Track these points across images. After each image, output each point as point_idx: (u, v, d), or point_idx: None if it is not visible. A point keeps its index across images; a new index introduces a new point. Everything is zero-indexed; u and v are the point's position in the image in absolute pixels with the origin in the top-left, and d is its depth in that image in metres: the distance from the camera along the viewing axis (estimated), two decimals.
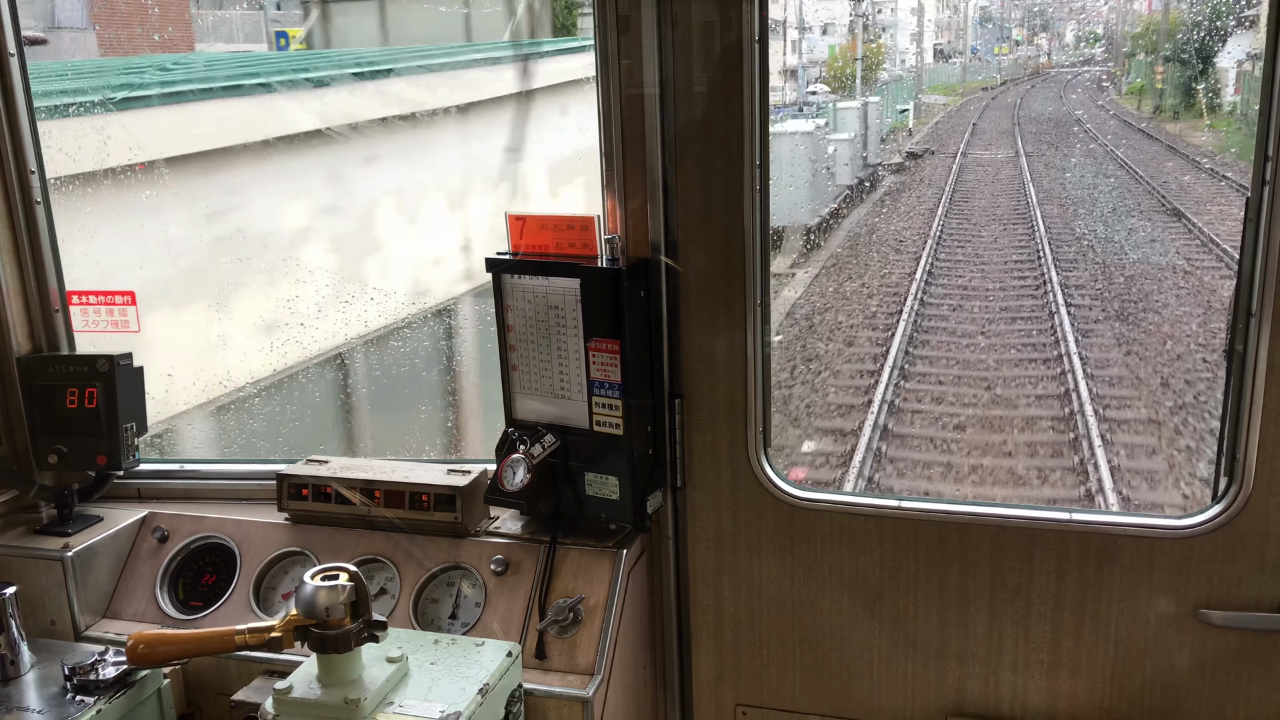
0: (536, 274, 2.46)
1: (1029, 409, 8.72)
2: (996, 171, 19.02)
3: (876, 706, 2.64)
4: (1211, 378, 8.69)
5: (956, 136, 24.20)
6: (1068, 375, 8.97)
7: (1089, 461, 7.63)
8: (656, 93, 2.39)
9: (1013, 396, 8.94)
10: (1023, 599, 2.47)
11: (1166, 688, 2.43)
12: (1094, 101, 29.08)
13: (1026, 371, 9.41)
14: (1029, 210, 15.11)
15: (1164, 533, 2.35)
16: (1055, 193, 16.42)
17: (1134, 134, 20.78)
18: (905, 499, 2.52)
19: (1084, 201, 15.82)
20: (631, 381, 2.40)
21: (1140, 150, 18.59)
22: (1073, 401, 8.48)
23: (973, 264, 12.79)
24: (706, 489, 2.61)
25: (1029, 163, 19.21)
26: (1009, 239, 13.76)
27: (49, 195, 2.80)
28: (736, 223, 2.43)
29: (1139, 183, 15.84)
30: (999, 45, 38.95)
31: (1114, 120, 24.08)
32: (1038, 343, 9.93)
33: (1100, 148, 19.89)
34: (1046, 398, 8.78)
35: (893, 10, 33.75)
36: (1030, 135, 23.17)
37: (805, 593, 2.61)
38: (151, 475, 2.94)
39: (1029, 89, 34.39)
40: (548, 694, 2.30)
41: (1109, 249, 12.81)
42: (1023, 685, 2.52)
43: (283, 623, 2.03)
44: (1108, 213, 14.62)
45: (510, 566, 2.48)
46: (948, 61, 37.68)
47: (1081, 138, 21.86)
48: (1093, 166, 18.37)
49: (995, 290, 11.65)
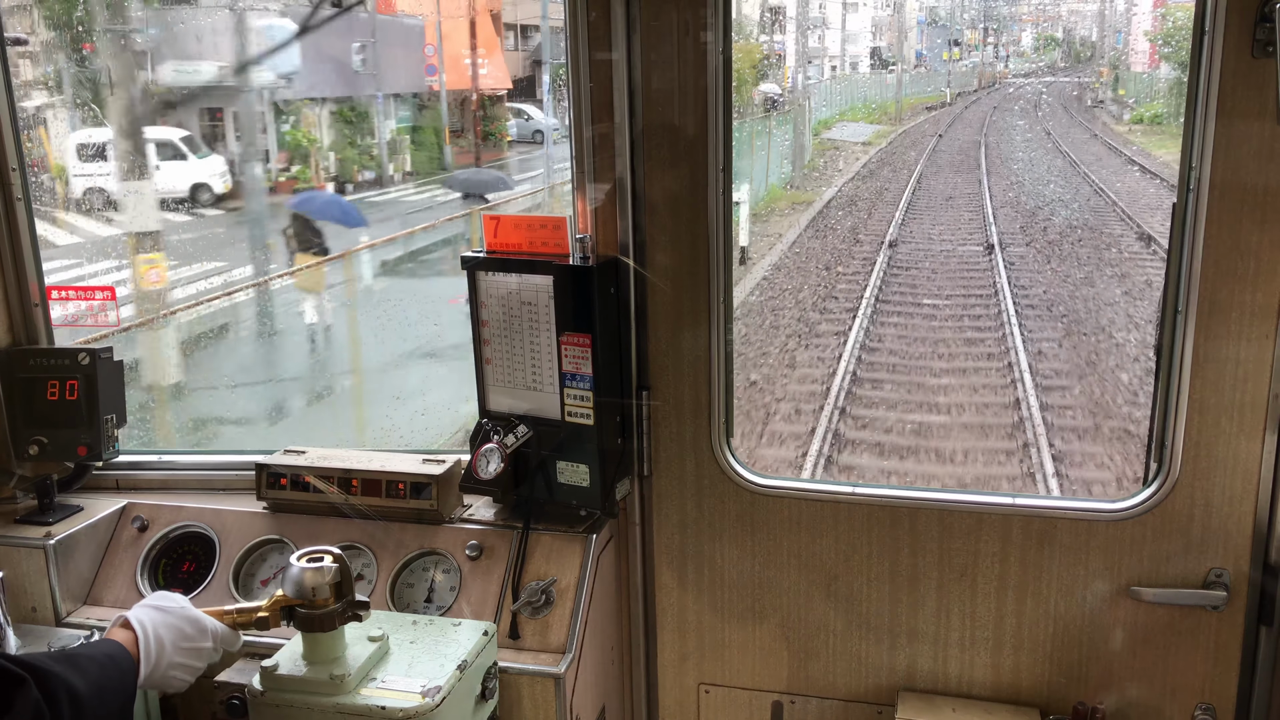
0: (510, 271, 2.56)
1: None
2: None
3: (832, 683, 2.78)
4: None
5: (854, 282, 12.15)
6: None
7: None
8: (625, 98, 2.50)
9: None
10: (969, 579, 2.62)
11: (1101, 662, 2.59)
12: (1089, 132, 21.61)
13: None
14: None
15: (1099, 515, 2.51)
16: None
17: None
18: (859, 485, 2.66)
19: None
20: (602, 374, 2.51)
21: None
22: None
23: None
24: (672, 477, 2.73)
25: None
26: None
27: (29, 192, 2.85)
28: (701, 224, 2.56)
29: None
30: (948, 50, 32.59)
31: (1152, 185, 15.66)
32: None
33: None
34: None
35: (822, 6, 26.62)
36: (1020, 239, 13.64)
37: (765, 575, 2.74)
38: (130, 466, 3.00)
39: (992, 111, 26.99)
40: (521, 671, 2.41)
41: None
42: (969, 661, 2.67)
43: (270, 603, 2.13)
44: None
45: (484, 551, 2.59)
46: (887, 70, 30.64)
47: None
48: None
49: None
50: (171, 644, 2.08)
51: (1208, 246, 2.29)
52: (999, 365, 9.54)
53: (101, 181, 12.32)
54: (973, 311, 10.96)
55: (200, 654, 2.14)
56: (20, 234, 2.85)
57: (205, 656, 2.15)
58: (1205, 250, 2.29)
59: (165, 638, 2.08)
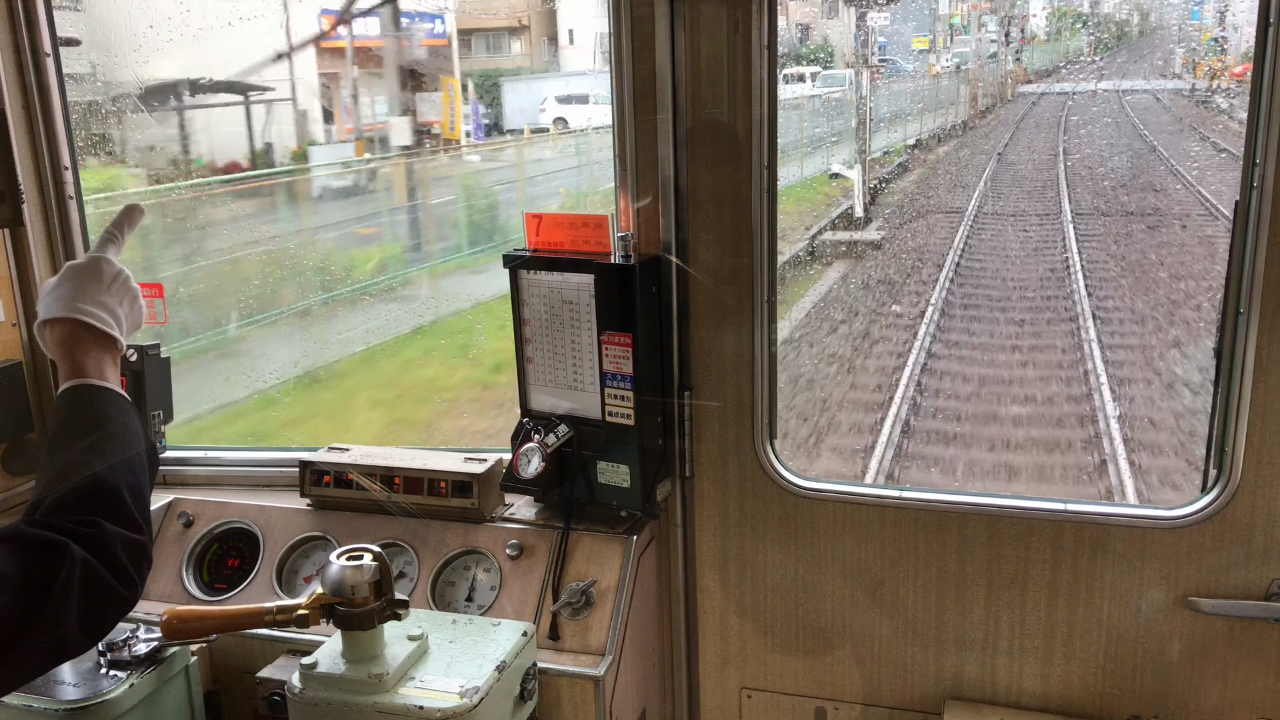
0: (552, 270, 2.55)
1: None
2: None
3: (876, 691, 2.73)
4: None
5: None
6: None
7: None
8: (669, 96, 2.48)
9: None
10: (1019, 586, 2.56)
11: (1157, 673, 2.52)
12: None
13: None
14: None
15: (1155, 523, 2.44)
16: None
17: None
18: (906, 489, 2.61)
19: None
20: (643, 374, 2.49)
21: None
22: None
23: None
24: (714, 478, 2.70)
25: None
26: None
27: (81, 190, 2.90)
28: (745, 222, 2.52)
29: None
30: (918, 36, 18.20)
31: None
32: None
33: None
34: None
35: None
36: None
37: (808, 580, 2.70)
38: (176, 462, 3.04)
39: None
40: (561, 672, 2.39)
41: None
42: (1018, 670, 2.61)
43: (310, 600, 2.12)
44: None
45: (525, 551, 2.58)
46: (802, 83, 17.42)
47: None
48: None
49: None
50: (100, 296, 1.88)
51: (1272, 246, 2.21)
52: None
53: None
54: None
55: (120, 288, 1.93)
56: (73, 231, 2.90)
57: (123, 289, 1.93)
58: (1270, 250, 2.21)
59: (95, 299, 1.87)
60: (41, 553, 1.55)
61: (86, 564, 1.58)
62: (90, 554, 1.59)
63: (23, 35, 2.77)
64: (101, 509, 1.66)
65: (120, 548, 1.64)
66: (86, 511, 1.64)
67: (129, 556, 1.66)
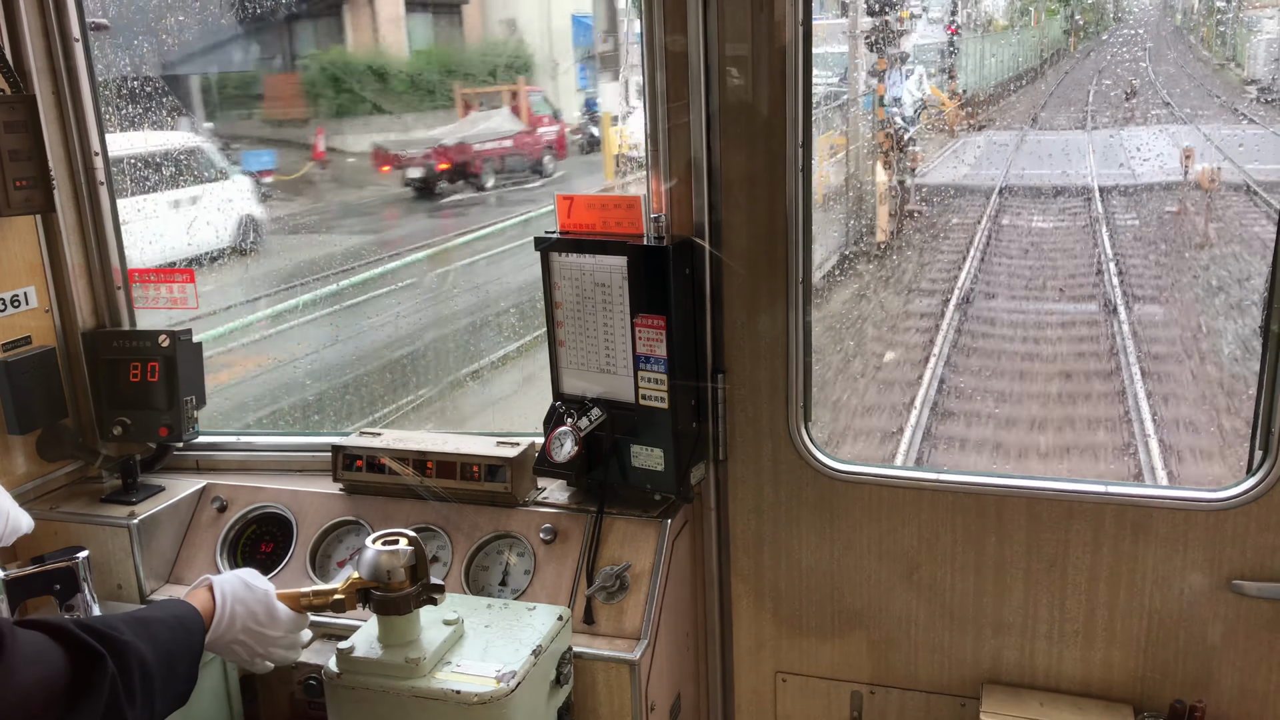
0: (584, 252, 2.53)
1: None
2: None
3: (913, 675, 2.70)
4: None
5: None
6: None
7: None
8: (701, 75, 2.44)
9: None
10: (1058, 570, 2.52)
11: (1199, 658, 2.48)
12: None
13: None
14: None
15: (1199, 505, 2.39)
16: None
17: None
18: (943, 471, 2.57)
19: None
20: (677, 356, 2.46)
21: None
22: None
23: None
24: (748, 461, 2.68)
25: None
26: None
27: (111, 176, 2.90)
28: (779, 202, 2.49)
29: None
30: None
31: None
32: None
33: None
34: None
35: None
36: None
37: (844, 563, 2.68)
38: (208, 447, 3.04)
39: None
40: (596, 657, 2.38)
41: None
42: (1057, 655, 2.58)
43: (346, 585, 2.12)
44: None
45: (558, 535, 2.56)
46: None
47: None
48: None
49: None
50: (242, 622, 2.09)
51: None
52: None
53: None
54: None
55: (263, 640, 2.14)
56: (103, 218, 2.90)
57: (266, 643, 2.15)
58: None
59: (239, 614, 2.09)
60: (84, 655, 1.69)
61: (113, 679, 1.70)
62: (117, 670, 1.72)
63: (52, 20, 2.76)
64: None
65: (138, 675, 1.77)
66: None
67: (142, 685, 1.78)
